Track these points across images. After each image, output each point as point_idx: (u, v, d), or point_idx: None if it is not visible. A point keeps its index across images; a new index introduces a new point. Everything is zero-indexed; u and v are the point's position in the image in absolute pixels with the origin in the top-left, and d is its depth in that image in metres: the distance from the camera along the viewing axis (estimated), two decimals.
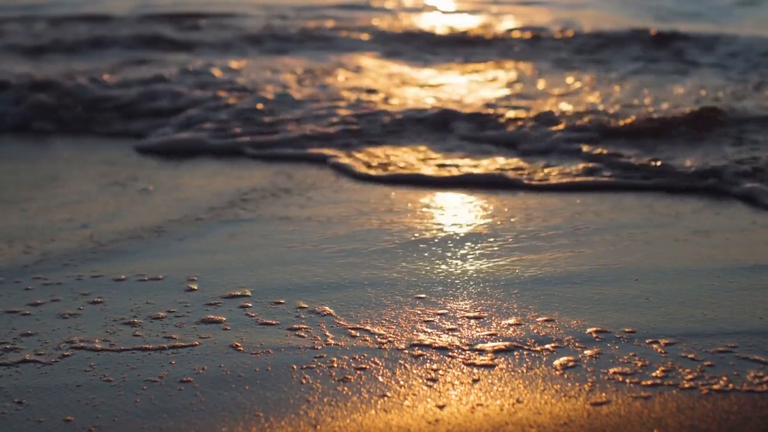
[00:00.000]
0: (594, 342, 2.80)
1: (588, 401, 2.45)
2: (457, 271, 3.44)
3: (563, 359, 2.69)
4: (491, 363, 2.67)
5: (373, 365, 2.67)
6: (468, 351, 2.75)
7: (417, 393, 2.51)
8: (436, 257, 3.60)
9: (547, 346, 2.77)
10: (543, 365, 2.66)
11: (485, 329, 2.91)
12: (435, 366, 2.66)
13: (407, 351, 2.76)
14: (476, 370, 2.63)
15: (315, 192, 4.69)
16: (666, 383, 2.54)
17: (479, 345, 2.79)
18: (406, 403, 2.46)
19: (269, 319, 3.01)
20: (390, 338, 2.85)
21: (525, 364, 2.67)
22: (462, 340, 2.82)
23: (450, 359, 2.70)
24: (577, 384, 2.54)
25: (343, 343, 2.82)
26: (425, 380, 2.58)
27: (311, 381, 2.58)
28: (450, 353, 2.74)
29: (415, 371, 2.63)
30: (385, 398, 2.48)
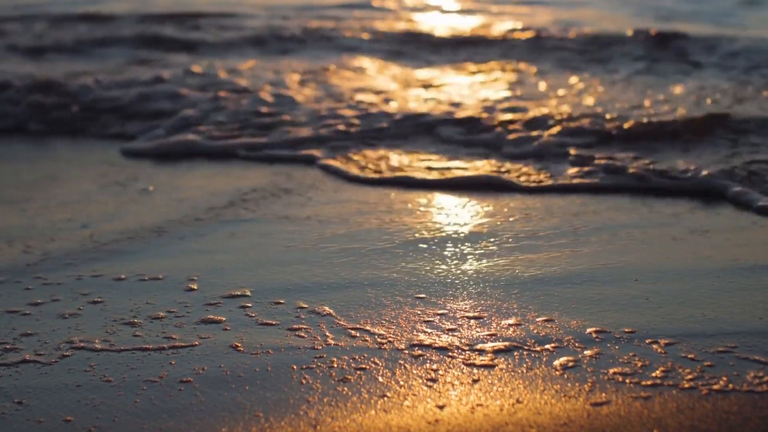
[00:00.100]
0: (594, 342, 2.80)
1: (588, 401, 2.45)
2: (457, 271, 3.44)
3: (563, 359, 2.69)
4: (491, 363, 2.67)
5: (373, 365, 2.67)
6: (468, 351, 2.75)
7: (417, 393, 2.51)
8: (436, 257, 3.60)
9: (547, 347, 2.77)
10: (543, 365, 2.66)
11: (485, 329, 2.91)
12: (435, 366, 2.66)
13: (407, 351, 2.76)
14: (476, 371, 2.63)
15: (315, 192, 4.69)
16: (666, 383, 2.54)
17: (479, 345, 2.79)
18: (406, 404, 2.46)
19: (269, 319, 3.01)
20: (390, 338, 2.85)
21: (525, 365, 2.67)
22: (462, 341, 2.82)
23: (450, 359, 2.70)
24: (577, 384, 2.54)
25: (343, 344, 2.82)
26: (425, 380, 2.58)
27: (311, 381, 2.58)
28: (450, 353, 2.74)
29: (415, 371, 2.63)
30: (385, 398, 2.48)
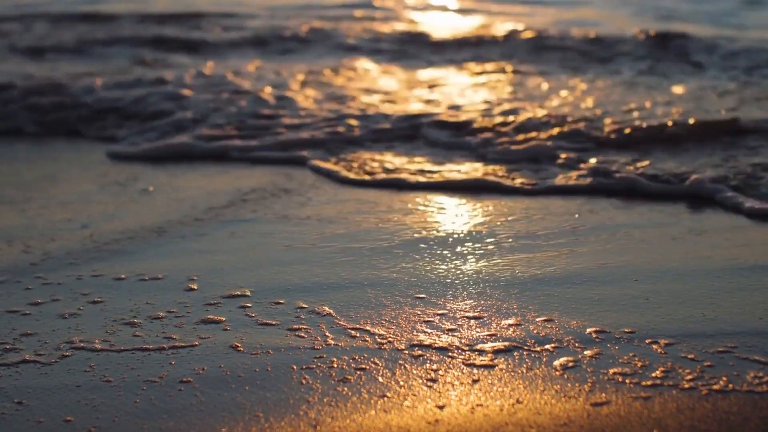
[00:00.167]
0: (594, 342, 2.80)
1: (588, 402, 2.45)
2: (457, 272, 3.44)
3: (563, 359, 2.69)
4: (491, 363, 2.67)
5: (373, 365, 2.67)
6: (468, 351, 2.75)
7: (417, 393, 2.51)
8: (436, 257, 3.60)
9: (547, 347, 2.77)
10: (543, 365, 2.66)
11: (485, 329, 2.91)
12: (435, 366, 2.66)
13: (407, 351, 2.76)
14: (476, 371, 2.63)
15: (315, 192, 4.69)
16: (666, 384, 2.54)
17: (479, 345, 2.79)
18: (406, 404, 2.46)
19: (269, 320, 3.01)
20: (390, 338, 2.85)
21: (525, 365, 2.67)
22: (462, 341, 2.82)
23: (450, 359, 2.70)
24: (577, 384, 2.54)
25: (343, 344, 2.82)
26: (425, 380, 2.58)
27: (311, 381, 2.58)
28: (450, 353, 2.74)
29: (415, 371, 2.63)
30: (385, 398, 2.48)
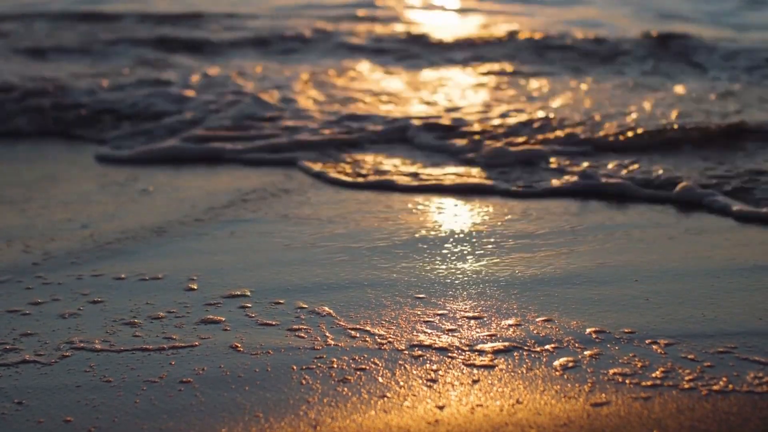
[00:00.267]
0: (593, 342, 2.80)
1: (588, 402, 2.45)
2: (457, 272, 3.44)
3: (563, 360, 2.69)
4: (491, 364, 2.67)
5: (373, 366, 2.67)
6: (468, 352, 2.75)
7: (417, 394, 2.51)
8: (436, 257, 3.60)
9: (547, 347, 2.77)
10: (543, 366, 2.66)
11: (485, 330, 2.91)
12: (435, 366, 2.66)
13: (407, 351, 2.76)
14: (476, 371, 2.63)
15: (314, 192, 4.69)
16: (666, 384, 2.54)
17: (479, 345, 2.79)
18: (406, 404, 2.46)
19: (269, 320, 3.01)
20: (390, 339, 2.85)
21: (525, 365, 2.67)
22: (462, 341, 2.82)
23: (450, 360, 2.70)
24: (577, 385, 2.54)
25: (343, 344, 2.82)
26: (425, 381, 2.58)
27: (311, 381, 2.58)
28: (450, 354, 2.74)
29: (415, 372, 2.63)
30: (385, 399, 2.48)
